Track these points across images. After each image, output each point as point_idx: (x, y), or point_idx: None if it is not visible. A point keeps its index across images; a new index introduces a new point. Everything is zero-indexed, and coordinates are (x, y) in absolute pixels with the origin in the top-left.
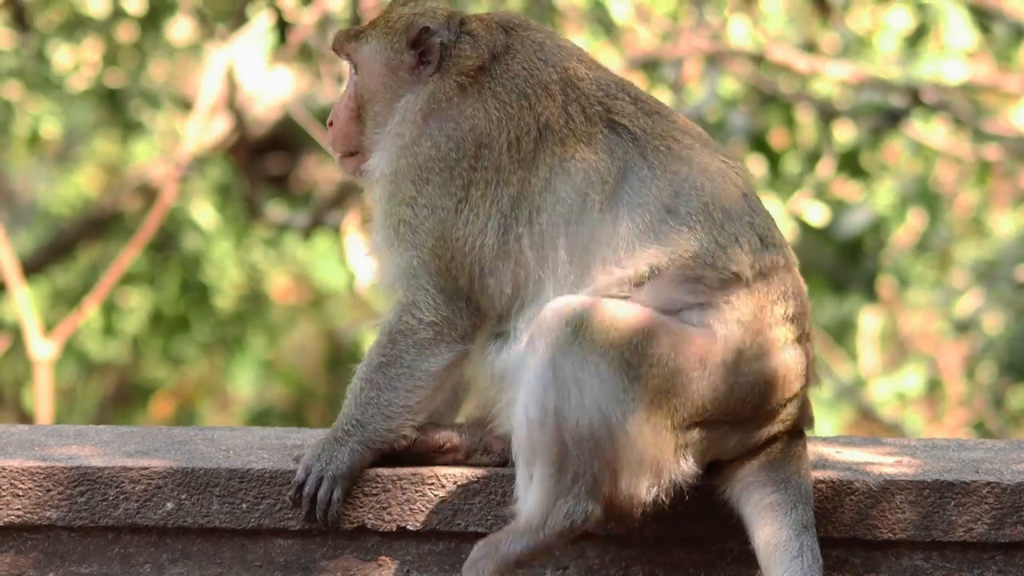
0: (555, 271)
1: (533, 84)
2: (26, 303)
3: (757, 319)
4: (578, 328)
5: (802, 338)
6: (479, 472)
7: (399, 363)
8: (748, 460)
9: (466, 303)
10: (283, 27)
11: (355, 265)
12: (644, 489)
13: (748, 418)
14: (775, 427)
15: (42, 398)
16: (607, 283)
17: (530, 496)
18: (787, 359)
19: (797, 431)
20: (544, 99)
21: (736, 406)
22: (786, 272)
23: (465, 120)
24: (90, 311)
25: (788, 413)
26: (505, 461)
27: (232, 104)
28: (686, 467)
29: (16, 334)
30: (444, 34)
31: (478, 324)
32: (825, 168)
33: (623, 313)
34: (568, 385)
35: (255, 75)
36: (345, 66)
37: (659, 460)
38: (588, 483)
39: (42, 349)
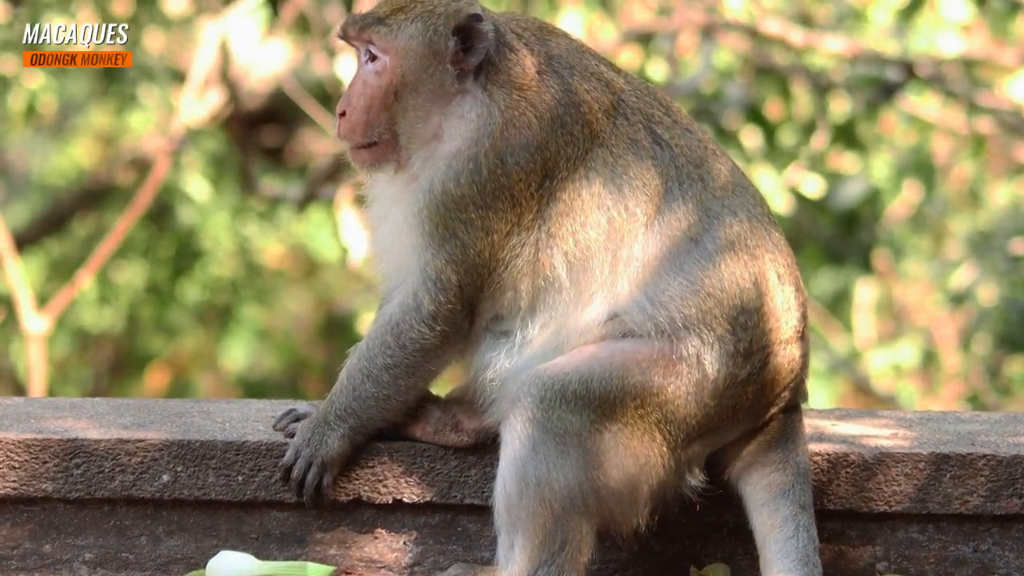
0: (579, 288)
1: (584, 99)
2: (19, 277)
3: (757, 343)
4: (553, 399)
5: (801, 333)
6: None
7: (404, 366)
8: (747, 440)
9: (472, 307)
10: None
11: (348, 241)
12: (647, 514)
13: (747, 414)
14: (773, 409)
15: (35, 373)
16: (626, 304)
17: (512, 565)
18: (787, 356)
19: (792, 405)
20: (596, 112)
21: (735, 412)
22: (790, 283)
23: (537, 149)
24: (85, 283)
25: (785, 396)
26: (474, 443)
27: (226, 76)
28: (693, 480)
29: (10, 307)
30: (490, 27)
31: (475, 321)
32: (820, 141)
33: (599, 368)
34: (552, 457)
35: (249, 47)
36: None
37: (661, 487)
38: (575, 549)
39: (35, 323)
